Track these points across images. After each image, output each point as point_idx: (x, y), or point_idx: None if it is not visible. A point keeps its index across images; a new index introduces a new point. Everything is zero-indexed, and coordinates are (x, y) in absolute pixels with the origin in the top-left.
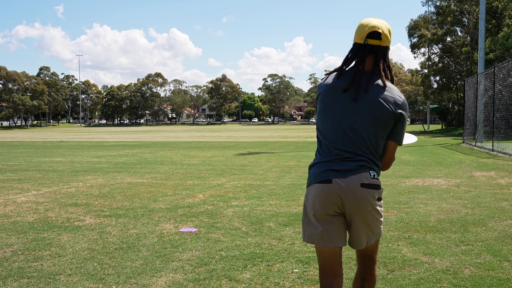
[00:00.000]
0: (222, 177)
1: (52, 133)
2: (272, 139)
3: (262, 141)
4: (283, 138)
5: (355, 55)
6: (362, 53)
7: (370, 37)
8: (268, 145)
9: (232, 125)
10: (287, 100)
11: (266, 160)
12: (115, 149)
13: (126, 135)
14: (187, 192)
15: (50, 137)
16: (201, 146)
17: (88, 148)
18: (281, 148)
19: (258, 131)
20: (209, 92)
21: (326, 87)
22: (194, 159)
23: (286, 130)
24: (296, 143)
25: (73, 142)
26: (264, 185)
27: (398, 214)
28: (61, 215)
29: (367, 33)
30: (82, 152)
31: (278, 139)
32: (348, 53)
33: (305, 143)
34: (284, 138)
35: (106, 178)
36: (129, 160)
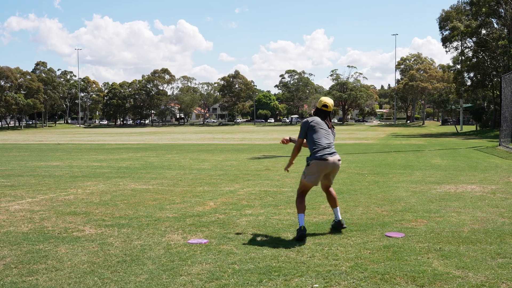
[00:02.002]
0: (235, 183)
1: (48, 135)
2: None
3: (278, 144)
4: None
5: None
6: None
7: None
8: (285, 147)
9: (246, 126)
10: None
11: (283, 165)
12: (118, 153)
13: (130, 137)
14: (196, 199)
15: (46, 139)
16: (212, 149)
17: (88, 151)
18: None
19: (275, 132)
20: (221, 89)
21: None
22: (204, 164)
23: None
24: None
25: (71, 144)
26: (281, 192)
27: (428, 224)
28: (58, 224)
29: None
30: (82, 156)
31: None
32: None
33: None
34: None
35: (108, 184)
36: (133, 164)
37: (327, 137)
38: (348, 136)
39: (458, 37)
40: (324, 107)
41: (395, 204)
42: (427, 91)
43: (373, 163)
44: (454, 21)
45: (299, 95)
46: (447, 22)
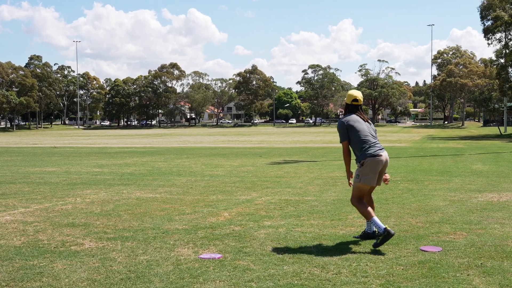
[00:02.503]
0: (252, 191)
1: (43, 137)
2: (313, 145)
3: (301, 147)
4: (327, 144)
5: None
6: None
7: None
8: (308, 151)
9: (264, 127)
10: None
11: (306, 171)
12: (121, 157)
13: (135, 139)
14: (209, 209)
15: (41, 142)
16: (226, 153)
17: (87, 155)
18: (324, 155)
19: (296, 134)
20: (236, 86)
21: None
22: (218, 169)
23: (331, 133)
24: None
25: (69, 148)
26: (304, 201)
27: (468, 237)
28: (54, 237)
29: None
30: (81, 161)
31: (321, 145)
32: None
33: None
34: (328, 143)
35: (110, 192)
36: (138, 170)
37: (371, 133)
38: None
39: (501, 27)
40: (354, 101)
41: (431, 214)
42: (467, 88)
43: (406, 168)
44: (497, 9)
45: (323, 92)
46: (489, 11)
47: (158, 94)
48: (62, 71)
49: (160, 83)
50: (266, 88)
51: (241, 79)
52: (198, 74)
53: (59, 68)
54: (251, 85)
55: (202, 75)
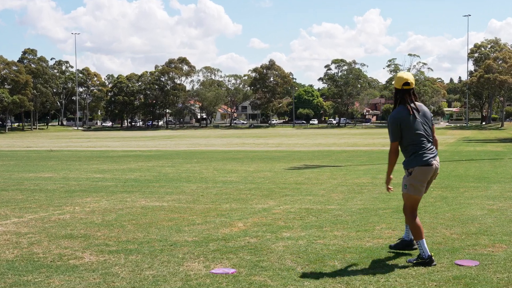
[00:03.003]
0: (270, 199)
1: (38, 140)
2: (337, 148)
3: (323, 151)
4: (352, 147)
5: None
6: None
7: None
8: (331, 155)
9: (283, 128)
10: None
11: (329, 176)
12: (125, 161)
13: (140, 142)
14: (222, 219)
15: (36, 145)
16: (240, 157)
17: (87, 159)
18: (349, 159)
19: (318, 136)
20: (252, 84)
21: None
22: (231, 175)
23: (357, 135)
24: (370, 153)
25: (67, 151)
26: (327, 210)
27: (508, 250)
28: (51, 250)
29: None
30: (80, 165)
31: (345, 148)
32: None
33: (382, 153)
34: (353, 146)
35: (112, 200)
36: (144, 176)
37: (426, 132)
38: None
39: None
40: (405, 85)
41: (468, 225)
42: (507, 85)
43: (440, 174)
44: None
45: (348, 90)
46: None
47: (166, 92)
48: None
49: (167, 79)
50: (285, 85)
51: (257, 75)
52: (210, 69)
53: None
54: (268, 82)
55: (214, 71)
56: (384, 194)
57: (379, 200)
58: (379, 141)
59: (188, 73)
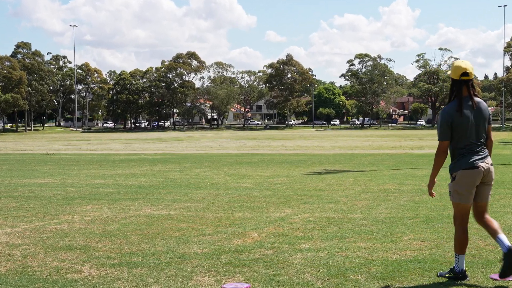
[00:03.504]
0: (287, 207)
1: (34, 142)
2: (360, 151)
3: (345, 154)
4: (377, 150)
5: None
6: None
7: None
8: (355, 159)
9: (301, 129)
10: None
11: (352, 182)
12: (128, 166)
13: (144, 144)
14: (234, 229)
15: (31, 147)
16: (255, 161)
17: (87, 164)
18: (374, 164)
19: (340, 138)
20: (268, 81)
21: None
22: (245, 181)
23: (382, 137)
24: (397, 157)
25: (65, 155)
26: (349, 219)
27: None
28: (47, 263)
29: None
30: (79, 170)
31: (369, 151)
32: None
33: (410, 157)
34: (378, 149)
35: (115, 208)
36: (149, 181)
37: (479, 132)
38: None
39: None
40: (464, 75)
41: None
42: None
43: None
44: None
45: (373, 88)
46: None
47: (173, 89)
48: (56, 62)
49: (175, 76)
50: (304, 82)
51: (273, 71)
52: (221, 65)
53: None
54: (285, 79)
55: (225, 66)
56: (412, 202)
57: (407, 208)
58: (407, 143)
59: (198, 69)
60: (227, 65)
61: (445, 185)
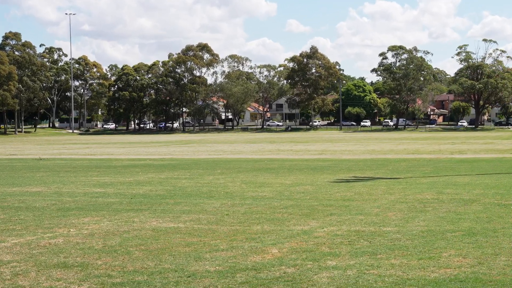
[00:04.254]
0: (311, 219)
1: (25, 145)
2: (394, 156)
3: (377, 159)
4: (413, 154)
5: None
6: None
7: None
8: (387, 165)
9: (327, 131)
10: (420, 89)
11: (385, 191)
12: (131, 173)
13: (150, 148)
14: (251, 244)
15: (21, 152)
16: (275, 167)
17: (85, 170)
18: (409, 170)
19: (371, 141)
20: (289, 76)
21: None
22: (263, 190)
23: (419, 140)
24: (436, 163)
25: (60, 160)
26: (382, 233)
27: None
28: (40, 283)
29: None
30: (76, 177)
31: (404, 156)
32: None
33: (450, 163)
34: (415, 153)
35: (116, 220)
36: (155, 190)
37: None
38: (484, 147)
39: None
40: None
41: None
42: None
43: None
44: None
45: (409, 84)
46: None
47: (182, 86)
48: (50, 55)
49: (184, 71)
50: (330, 78)
51: (296, 65)
52: (237, 58)
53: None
54: (310, 74)
55: (242, 60)
56: (452, 213)
57: (447, 221)
58: (447, 147)
59: (210, 63)
60: (243, 58)
61: (489, 194)
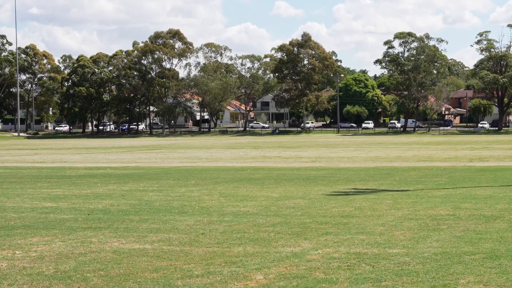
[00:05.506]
0: (303, 239)
1: None
2: (402, 164)
3: (382, 168)
4: (424, 162)
5: None
6: None
7: None
8: (394, 175)
9: (322, 134)
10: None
11: (391, 206)
12: (89, 184)
13: (111, 155)
14: (232, 269)
15: None
16: (260, 177)
17: (33, 181)
18: (420, 180)
19: (375, 147)
20: (277, 69)
21: None
22: (246, 204)
23: (431, 144)
24: (451, 172)
25: (3, 168)
26: (387, 256)
27: None
28: None
29: None
30: (23, 190)
31: (414, 164)
32: None
33: (469, 172)
34: (426, 161)
35: (71, 240)
36: (116, 205)
37: None
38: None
39: None
40: None
41: None
42: None
43: None
44: None
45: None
46: None
47: (149, 80)
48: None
49: (152, 62)
50: (326, 71)
51: (285, 56)
52: (214, 48)
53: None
54: (301, 66)
55: (220, 49)
56: (471, 232)
57: (465, 241)
58: (465, 153)
59: (183, 53)
60: (222, 47)
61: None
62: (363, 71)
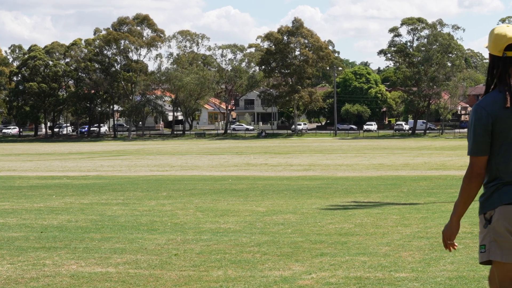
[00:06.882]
0: (294, 261)
1: None
2: (410, 172)
3: (387, 177)
4: (437, 170)
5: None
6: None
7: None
8: (401, 185)
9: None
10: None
11: (398, 222)
12: (41, 196)
13: (68, 162)
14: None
15: None
16: (243, 188)
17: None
18: (432, 193)
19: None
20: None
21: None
22: (227, 219)
23: (445, 150)
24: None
25: None
26: (393, 281)
27: None
28: None
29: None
30: None
31: (425, 172)
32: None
33: None
34: (439, 169)
35: (21, 263)
36: (74, 221)
37: None
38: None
39: None
40: (510, 49)
41: None
42: None
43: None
44: None
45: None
46: None
47: (113, 74)
48: None
49: (116, 53)
50: (321, 63)
51: (273, 45)
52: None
53: None
54: (292, 58)
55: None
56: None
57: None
58: None
59: (152, 42)
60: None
61: None
62: (365, 63)
